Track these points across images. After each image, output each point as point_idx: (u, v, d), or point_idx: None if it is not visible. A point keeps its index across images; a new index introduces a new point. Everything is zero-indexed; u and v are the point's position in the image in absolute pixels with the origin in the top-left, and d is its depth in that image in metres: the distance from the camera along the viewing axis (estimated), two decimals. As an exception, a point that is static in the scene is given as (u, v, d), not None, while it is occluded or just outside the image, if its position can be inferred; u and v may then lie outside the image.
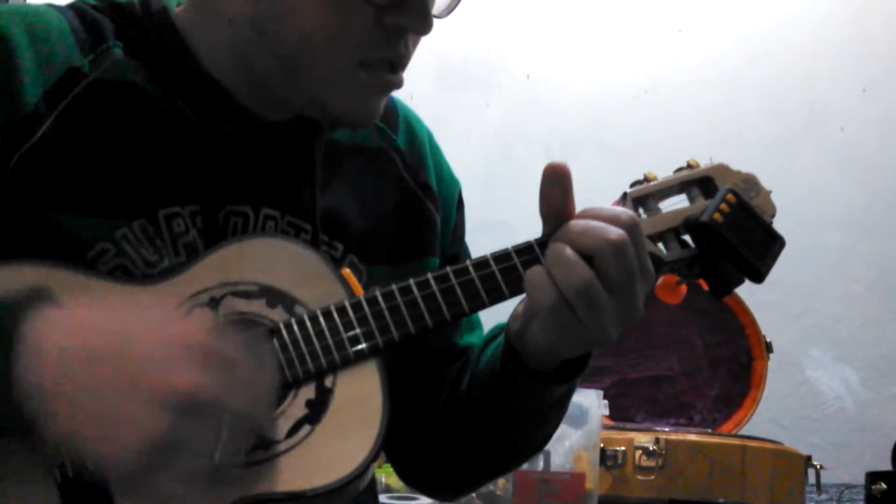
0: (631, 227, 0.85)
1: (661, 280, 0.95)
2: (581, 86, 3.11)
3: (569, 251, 0.84)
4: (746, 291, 2.30)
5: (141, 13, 0.97)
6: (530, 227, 0.92)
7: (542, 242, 0.89)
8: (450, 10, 0.94)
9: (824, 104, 3.05)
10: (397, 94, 1.05)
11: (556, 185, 0.87)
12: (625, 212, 0.86)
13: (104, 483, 0.78)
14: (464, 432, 1.02)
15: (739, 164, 0.99)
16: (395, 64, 0.93)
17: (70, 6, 0.98)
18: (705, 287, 0.95)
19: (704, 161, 0.98)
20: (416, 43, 0.95)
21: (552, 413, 1.00)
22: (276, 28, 0.89)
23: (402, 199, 1.06)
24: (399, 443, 1.04)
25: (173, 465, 0.72)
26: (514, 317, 0.93)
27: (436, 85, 3.06)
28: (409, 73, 0.97)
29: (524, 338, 0.90)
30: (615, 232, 0.84)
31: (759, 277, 0.92)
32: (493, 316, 1.02)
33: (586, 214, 0.87)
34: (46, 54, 0.91)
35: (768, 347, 2.34)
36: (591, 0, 3.15)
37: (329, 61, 0.90)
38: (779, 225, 0.96)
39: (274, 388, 0.81)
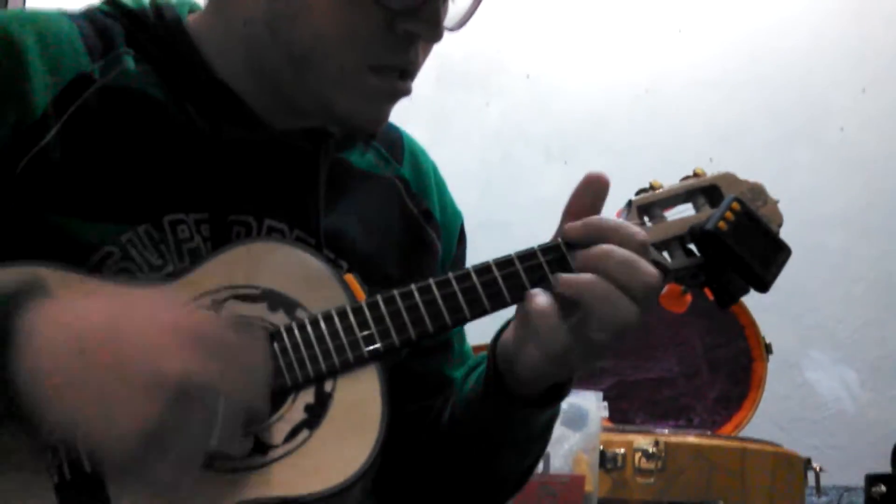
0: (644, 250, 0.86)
1: (666, 289, 0.94)
2: (581, 85, 3.10)
3: (614, 290, 0.84)
4: (747, 293, 2.31)
5: (153, 20, 0.97)
6: (529, 227, 0.92)
7: (548, 248, 0.90)
8: (461, 23, 0.95)
9: (824, 104, 3.04)
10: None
11: (589, 190, 0.90)
12: (639, 231, 0.87)
13: (100, 473, 0.78)
14: (443, 464, 1.02)
15: (738, 164, 0.98)
16: (404, 71, 0.94)
17: (82, 13, 0.98)
18: (711, 297, 0.94)
19: (704, 164, 0.97)
20: (426, 52, 0.95)
21: (533, 443, 1.01)
22: (290, 26, 0.90)
23: (404, 225, 1.06)
24: (381, 476, 1.04)
25: (169, 452, 0.72)
26: (502, 343, 0.93)
27: (436, 85, 3.05)
28: (409, 73, 0.96)
29: (516, 363, 0.90)
30: (649, 271, 0.85)
31: (763, 287, 0.91)
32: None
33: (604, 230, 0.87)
34: (56, 60, 0.91)
35: (768, 349, 2.33)
36: (591, 0, 3.14)
37: (339, 62, 0.90)
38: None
39: (269, 371, 0.81)
